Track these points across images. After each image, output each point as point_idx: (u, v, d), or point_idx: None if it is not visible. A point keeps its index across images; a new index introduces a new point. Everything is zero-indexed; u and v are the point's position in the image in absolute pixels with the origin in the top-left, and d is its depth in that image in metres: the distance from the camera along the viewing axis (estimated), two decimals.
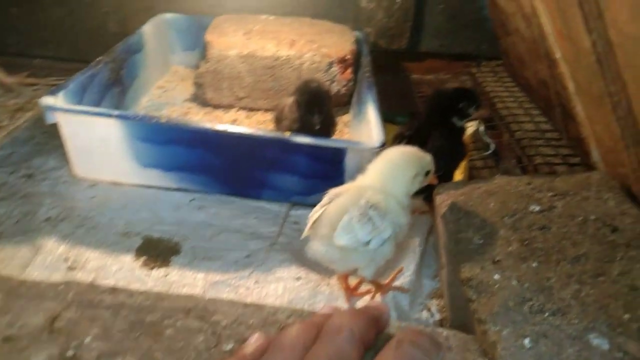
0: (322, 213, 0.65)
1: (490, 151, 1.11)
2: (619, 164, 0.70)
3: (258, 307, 0.55)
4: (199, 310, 0.54)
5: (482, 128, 1.18)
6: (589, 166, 1.03)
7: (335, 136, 1.14)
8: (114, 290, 0.56)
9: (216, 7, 1.40)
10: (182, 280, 0.75)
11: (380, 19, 1.42)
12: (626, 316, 0.52)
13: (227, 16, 1.29)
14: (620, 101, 0.57)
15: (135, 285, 0.73)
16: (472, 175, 1.04)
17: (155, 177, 0.91)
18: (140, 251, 0.79)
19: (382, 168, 0.68)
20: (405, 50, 1.49)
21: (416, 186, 0.68)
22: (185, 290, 0.74)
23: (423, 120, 0.87)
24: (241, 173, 0.90)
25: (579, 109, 0.78)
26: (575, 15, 0.57)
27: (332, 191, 0.68)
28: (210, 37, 1.18)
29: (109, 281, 0.73)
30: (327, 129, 0.95)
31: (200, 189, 0.92)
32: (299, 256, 0.80)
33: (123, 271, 0.75)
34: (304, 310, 0.55)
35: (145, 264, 0.77)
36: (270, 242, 0.83)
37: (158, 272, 0.76)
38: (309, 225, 0.66)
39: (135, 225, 0.84)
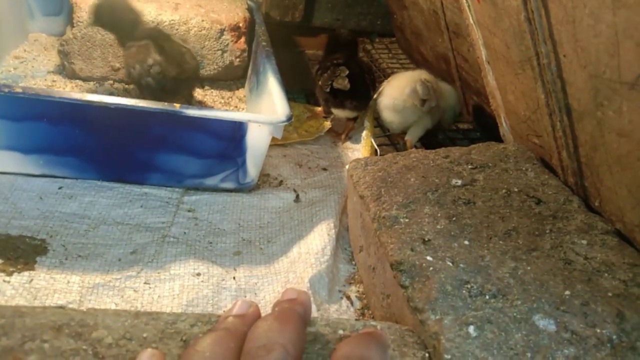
0: (386, 85, 0.96)
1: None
2: (535, 134, 0.67)
3: (152, 316, 0.44)
4: (73, 325, 0.42)
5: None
6: (490, 140, 1.03)
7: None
8: None
9: None
10: (53, 286, 0.61)
11: None
12: (567, 293, 0.48)
13: None
14: (549, 64, 0.54)
15: None
16: (376, 153, 0.99)
17: (12, 162, 0.74)
18: None
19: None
20: (299, 23, 1.41)
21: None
22: (56, 298, 0.60)
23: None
24: (121, 154, 0.76)
25: (490, 79, 0.75)
26: None
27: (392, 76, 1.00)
28: None
29: None
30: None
31: (70, 175, 0.76)
32: (197, 249, 0.69)
33: None
34: (211, 315, 0.45)
35: (1, 269, 0.62)
36: (161, 234, 0.71)
37: (20, 278, 0.61)
38: (377, 92, 0.98)
39: None
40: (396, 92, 0.93)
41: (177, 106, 0.71)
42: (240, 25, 1.04)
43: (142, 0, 1.02)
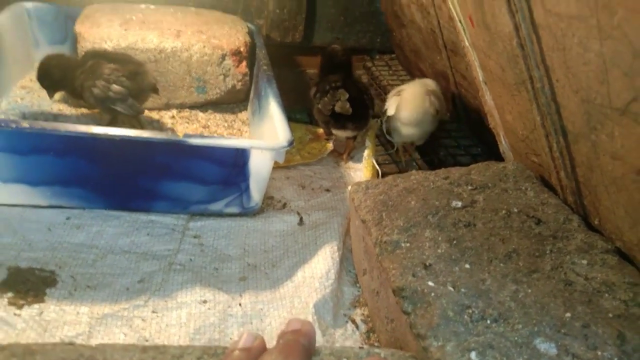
0: (400, 98, 0.96)
1: (395, 148, 1.08)
2: (533, 153, 0.68)
3: (159, 350, 0.45)
4: None
5: (384, 126, 1.15)
6: (490, 157, 1.04)
7: (234, 136, 1.04)
8: None
9: None
10: (62, 318, 0.62)
11: (271, 10, 1.34)
12: (567, 315, 0.49)
13: (100, 5, 1.13)
14: (543, 87, 0.55)
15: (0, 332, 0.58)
16: (378, 174, 1.00)
17: (20, 194, 0.75)
18: (5, 286, 0.64)
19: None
20: (299, 44, 1.43)
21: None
22: (66, 330, 0.61)
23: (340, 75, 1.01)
24: (126, 183, 0.78)
25: (488, 98, 0.76)
26: None
27: (396, 89, 1.01)
28: (81, 28, 1.02)
29: None
30: None
31: (78, 205, 0.78)
32: (203, 275, 0.70)
33: None
34: (217, 347, 0.46)
35: (12, 302, 0.63)
36: (168, 262, 0.72)
37: (30, 311, 0.62)
38: (392, 107, 0.97)
39: None
40: (412, 106, 0.96)
41: (180, 135, 0.72)
42: (242, 49, 1.06)
43: (144, 29, 1.04)
